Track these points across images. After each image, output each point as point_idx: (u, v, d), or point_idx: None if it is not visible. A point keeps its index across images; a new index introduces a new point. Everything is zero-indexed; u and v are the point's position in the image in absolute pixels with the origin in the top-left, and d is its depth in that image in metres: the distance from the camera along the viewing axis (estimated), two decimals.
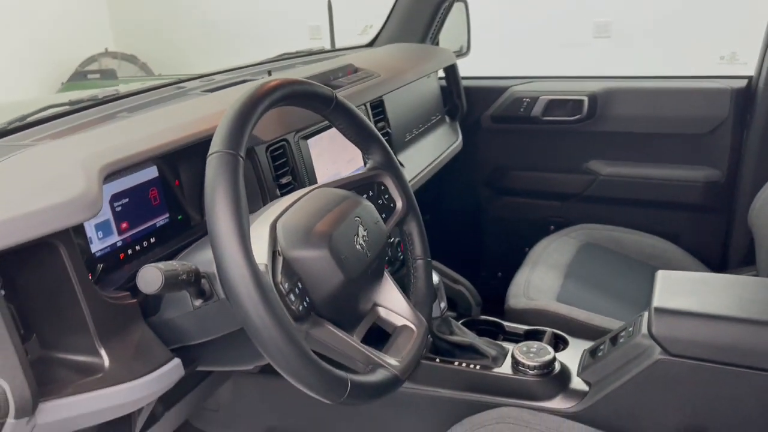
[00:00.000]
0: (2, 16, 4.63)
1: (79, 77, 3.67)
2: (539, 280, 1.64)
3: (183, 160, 1.07)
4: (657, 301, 1.12)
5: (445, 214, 2.31)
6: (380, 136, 1.02)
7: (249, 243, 0.71)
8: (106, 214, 0.96)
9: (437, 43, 2.10)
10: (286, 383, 1.36)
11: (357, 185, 0.98)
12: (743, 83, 1.88)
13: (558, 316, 1.50)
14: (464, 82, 2.08)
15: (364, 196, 0.97)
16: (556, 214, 2.14)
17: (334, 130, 1.04)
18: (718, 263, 1.96)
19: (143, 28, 5.76)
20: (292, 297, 0.78)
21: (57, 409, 0.74)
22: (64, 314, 0.79)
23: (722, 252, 1.98)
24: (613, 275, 1.71)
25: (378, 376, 0.83)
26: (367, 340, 0.91)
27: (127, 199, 0.99)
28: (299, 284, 0.80)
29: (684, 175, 1.98)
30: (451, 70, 2.02)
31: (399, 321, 0.96)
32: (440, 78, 2.06)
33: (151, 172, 1.04)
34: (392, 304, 0.96)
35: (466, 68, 2.14)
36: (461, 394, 1.26)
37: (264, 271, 0.75)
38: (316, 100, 0.92)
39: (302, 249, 0.81)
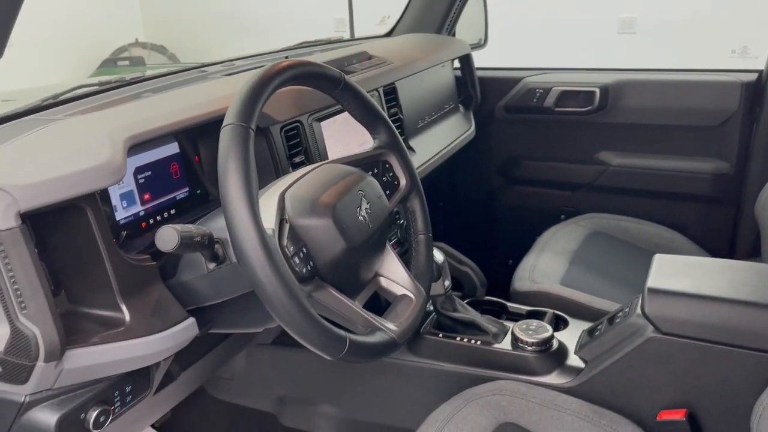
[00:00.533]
0: (37, 6, 4.77)
1: (109, 64, 3.81)
2: (545, 265, 1.68)
3: (202, 138, 1.15)
4: (651, 282, 1.17)
5: (459, 202, 2.37)
6: (386, 117, 1.09)
7: (257, 207, 0.78)
8: (130, 185, 1.03)
9: (453, 35, 2.16)
10: (296, 354, 1.44)
11: (363, 162, 1.04)
12: (753, 77, 1.90)
13: (560, 298, 1.54)
14: (479, 73, 2.12)
15: (370, 173, 1.03)
16: (566, 204, 2.18)
17: (346, 114, 1.10)
18: (724, 254, 1.99)
19: (172, 19, 5.88)
20: (296, 260, 0.84)
21: (82, 357, 0.82)
22: (89, 272, 0.86)
23: (729, 243, 2.01)
24: (619, 262, 1.75)
25: (376, 338, 0.90)
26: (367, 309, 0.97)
27: (149, 172, 1.06)
28: (304, 249, 0.86)
29: (693, 167, 2.01)
30: (465, 61, 2.07)
31: (399, 290, 1.02)
32: (455, 68, 2.11)
33: (173, 148, 1.11)
34: (393, 274, 1.02)
35: (488, 61, 2.20)
36: (462, 368, 1.32)
37: (271, 235, 0.81)
38: (325, 81, 0.99)
39: (307, 217, 0.88)
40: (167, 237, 0.79)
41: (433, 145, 1.74)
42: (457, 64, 2.10)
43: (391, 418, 1.39)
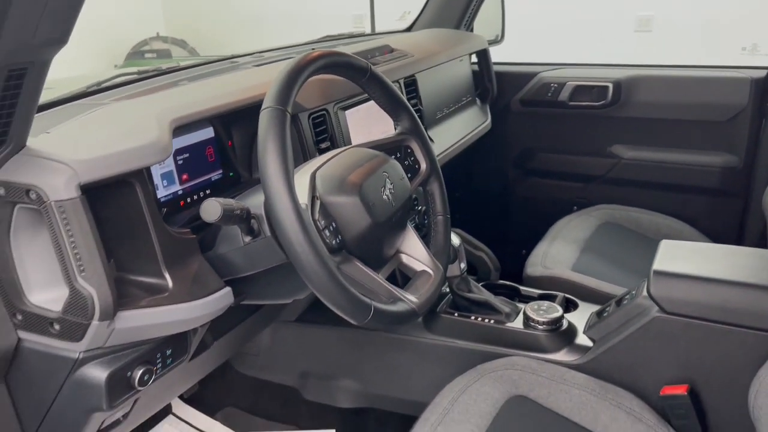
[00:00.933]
0: None
1: (137, 56, 3.93)
2: (557, 252, 1.75)
3: (235, 124, 1.22)
4: (656, 265, 1.24)
5: (475, 192, 2.43)
6: (409, 105, 1.16)
7: (293, 183, 0.86)
8: (170, 165, 1.11)
9: (471, 30, 2.22)
10: (319, 331, 1.52)
11: (386, 147, 1.12)
12: (763, 73, 1.95)
13: (571, 283, 1.61)
14: (495, 67, 2.19)
15: (393, 157, 1.11)
16: (579, 195, 2.24)
17: (370, 103, 1.18)
18: (732, 245, 2.05)
19: (193, 15, 5.98)
20: (327, 233, 0.92)
21: (130, 318, 0.90)
22: (137, 243, 0.94)
23: (737, 235, 2.06)
24: (628, 251, 1.81)
25: (398, 307, 0.97)
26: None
27: (187, 155, 1.14)
28: (333, 224, 0.94)
29: (703, 161, 2.06)
30: (483, 56, 2.14)
31: (419, 267, 1.09)
32: (473, 63, 2.17)
33: (208, 133, 1.19)
34: (413, 251, 1.10)
35: (505, 57, 2.27)
36: (476, 345, 1.39)
37: (304, 209, 0.89)
38: (352, 70, 1.06)
39: (336, 195, 0.96)
40: (211, 209, 0.87)
41: (451, 135, 1.81)
42: (474, 58, 2.17)
43: (408, 392, 1.46)
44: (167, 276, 0.95)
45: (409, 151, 1.16)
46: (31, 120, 0.83)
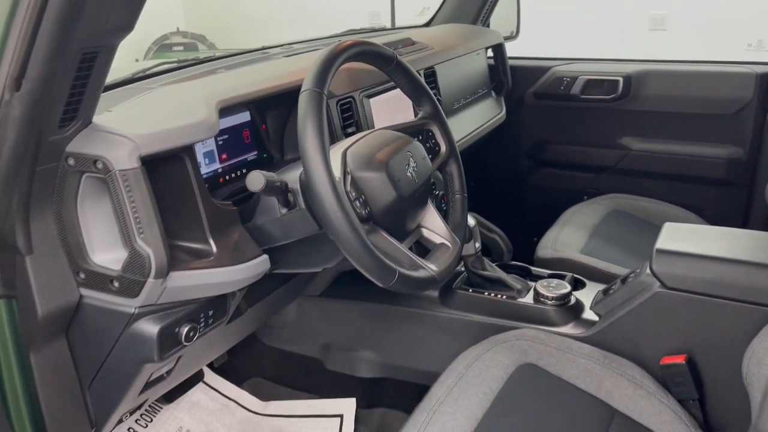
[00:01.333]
0: None
1: (164, 49, 4.08)
2: (566, 237, 1.84)
3: (269, 109, 1.33)
4: (659, 244, 1.33)
5: (490, 182, 2.53)
6: (431, 92, 1.26)
7: (329, 158, 0.96)
8: (212, 145, 1.22)
9: (488, 26, 2.32)
10: (341, 306, 1.63)
11: (410, 130, 1.21)
12: (767, 69, 2.03)
13: (579, 264, 1.70)
14: (510, 62, 2.28)
15: (415, 139, 1.21)
16: (589, 185, 2.33)
17: (391, 93, 1.27)
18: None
19: (212, 10, 6.11)
20: (357, 204, 1.02)
21: (180, 278, 1.00)
22: (185, 212, 1.04)
23: (741, 223, 2.14)
24: (635, 236, 1.90)
25: (420, 273, 1.07)
26: None
27: (226, 136, 1.25)
28: (363, 197, 1.04)
29: (709, 153, 2.15)
30: (498, 50, 2.23)
31: (438, 240, 1.19)
32: (489, 57, 2.27)
33: (245, 117, 1.30)
34: (434, 226, 1.20)
35: (520, 52, 2.37)
36: (489, 319, 1.48)
37: (338, 181, 0.99)
38: (381, 59, 1.16)
39: (365, 171, 1.06)
40: (256, 179, 0.97)
41: (467, 125, 1.91)
42: (490, 53, 2.26)
43: (425, 363, 1.56)
44: (212, 243, 1.05)
45: (430, 134, 1.25)
46: (97, 99, 0.93)
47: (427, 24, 2.26)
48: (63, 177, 0.94)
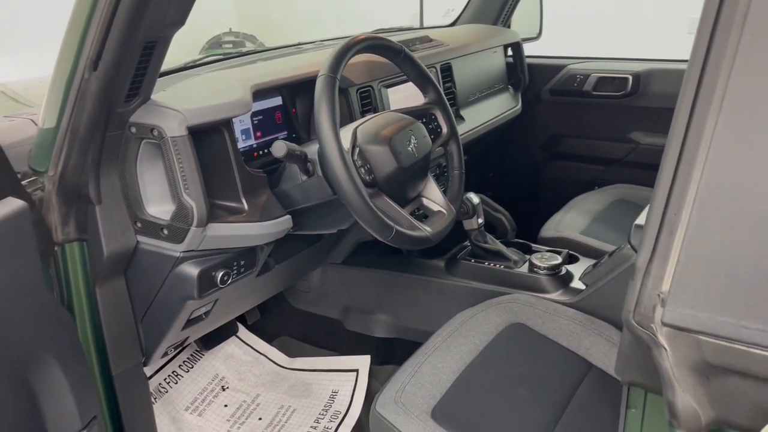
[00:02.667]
0: None
1: (215, 46, 4.43)
2: (570, 220, 2.01)
3: (299, 95, 1.54)
4: (637, 220, 1.49)
5: (507, 173, 2.70)
6: (435, 81, 1.45)
7: (338, 131, 1.16)
8: (248, 124, 1.43)
9: (509, 26, 2.49)
10: (360, 273, 1.84)
11: (415, 113, 1.41)
12: None
13: (577, 243, 1.86)
14: (528, 60, 2.45)
15: (419, 121, 1.40)
16: (599, 176, 2.48)
17: (407, 85, 1.46)
18: None
19: (262, 12, 6.42)
20: (362, 171, 1.22)
21: (218, 229, 1.21)
22: (223, 176, 1.26)
23: None
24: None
25: (416, 233, 1.27)
26: None
27: (261, 117, 1.46)
28: (368, 165, 1.24)
29: None
30: (516, 49, 2.40)
31: (435, 207, 1.38)
32: (508, 56, 2.44)
33: (277, 101, 1.51)
34: (432, 196, 1.39)
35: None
36: (488, 286, 1.67)
37: (347, 151, 1.20)
38: (389, 50, 1.36)
39: (371, 144, 1.26)
40: (279, 147, 1.18)
41: (481, 116, 2.09)
42: (510, 52, 2.44)
43: (432, 325, 1.75)
44: (244, 202, 1.27)
45: (433, 117, 1.45)
46: (155, 80, 1.15)
47: (452, 24, 2.45)
48: (126, 142, 1.17)
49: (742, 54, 0.64)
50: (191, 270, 1.24)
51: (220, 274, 1.28)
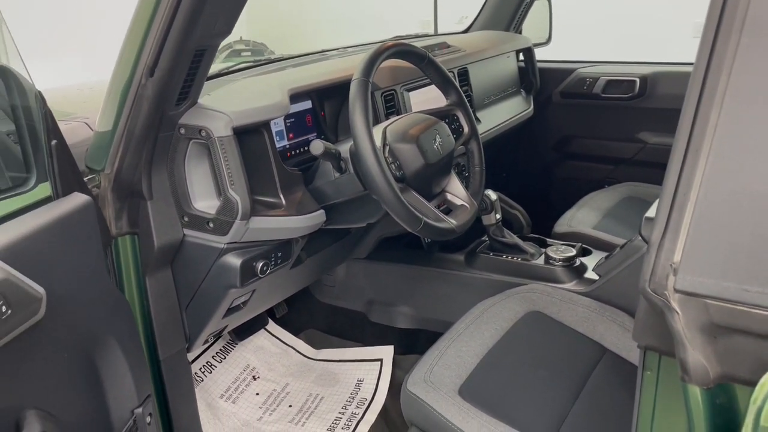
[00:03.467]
0: None
1: (234, 54, 4.58)
2: (582, 216, 2.10)
3: (327, 99, 1.64)
4: (648, 213, 1.58)
5: (519, 173, 2.79)
6: (456, 84, 1.55)
7: (372, 130, 1.26)
8: (281, 126, 1.53)
9: (520, 32, 2.59)
10: (384, 267, 1.94)
11: (438, 114, 1.51)
12: None
13: (590, 237, 1.95)
14: (540, 64, 2.55)
15: (443, 121, 1.50)
16: (609, 175, 2.57)
17: (427, 88, 1.56)
18: None
19: (273, 21, 6.56)
20: (393, 167, 1.32)
21: (259, 222, 1.31)
22: (263, 173, 1.36)
23: None
24: None
25: (442, 224, 1.36)
26: None
27: (293, 119, 1.56)
28: (397, 161, 1.34)
29: None
30: (528, 54, 2.50)
31: (459, 202, 1.48)
32: (520, 60, 2.54)
33: (308, 104, 1.61)
34: (456, 191, 1.49)
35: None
36: (506, 277, 1.76)
37: (379, 148, 1.29)
38: (415, 56, 1.46)
39: (400, 143, 1.35)
40: (317, 146, 1.28)
41: (496, 118, 2.19)
42: (522, 57, 2.54)
43: (453, 315, 1.84)
44: (282, 197, 1.37)
45: (455, 118, 1.55)
46: (202, 85, 1.26)
47: (465, 31, 2.55)
48: (176, 142, 1.27)
49: (741, 55, 0.75)
50: (234, 260, 1.34)
51: (260, 264, 1.37)
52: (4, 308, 0.84)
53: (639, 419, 0.87)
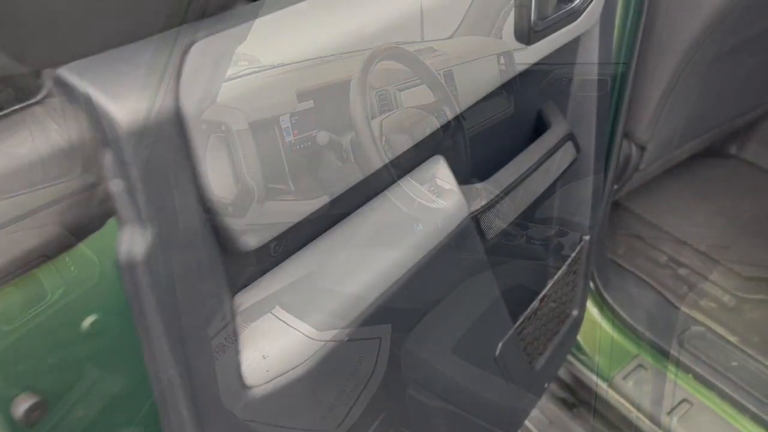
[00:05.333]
0: None
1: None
2: None
3: (327, 99, 1.80)
4: None
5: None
6: (443, 83, 1.74)
7: (370, 122, 1.44)
8: (287, 123, 1.71)
9: (500, 37, 2.78)
10: None
11: (427, 110, 1.70)
12: None
13: None
14: (519, 67, 2.74)
15: (432, 116, 1.69)
16: None
17: (416, 88, 1.76)
18: None
19: None
20: (389, 154, 1.51)
21: (272, 206, 1.50)
22: (275, 162, 1.54)
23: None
24: None
25: (432, 204, 1.55)
26: None
27: (297, 117, 1.72)
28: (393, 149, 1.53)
29: None
30: (508, 57, 2.69)
31: (447, 186, 1.67)
32: (501, 63, 2.73)
33: (309, 104, 1.78)
34: (444, 177, 1.68)
35: None
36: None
37: (377, 137, 1.48)
38: (408, 59, 1.65)
39: (395, 133, 1.54)
40: (324, 136, 1.46)
41: (478, 117, 2.38)
42: (503, 60, 2.72)
43: None
44: (291, 185, 1.55)
45: (443, 113, 1.74)
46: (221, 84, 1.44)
47: (450, 37, 2.74)
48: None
49: None
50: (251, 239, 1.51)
51: (273, 245, 1.55)
52: None
53: None
